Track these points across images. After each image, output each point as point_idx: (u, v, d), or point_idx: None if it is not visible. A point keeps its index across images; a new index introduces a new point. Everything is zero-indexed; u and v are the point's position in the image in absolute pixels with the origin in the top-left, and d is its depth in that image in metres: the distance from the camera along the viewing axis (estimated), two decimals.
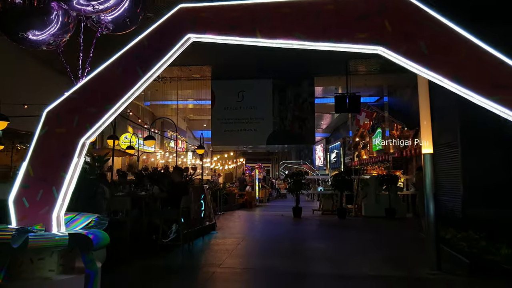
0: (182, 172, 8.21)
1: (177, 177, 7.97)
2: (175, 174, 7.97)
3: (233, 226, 12.05)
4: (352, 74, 14.54)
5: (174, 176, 8.00)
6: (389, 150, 19.11)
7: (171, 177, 8.07)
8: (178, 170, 8.10)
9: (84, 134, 3.62)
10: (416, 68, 3.15)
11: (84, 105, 3.62)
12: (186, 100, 20.79)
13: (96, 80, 3.66)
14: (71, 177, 3.63)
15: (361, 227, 12.51)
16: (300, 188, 14.64)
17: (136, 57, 3.64)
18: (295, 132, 14.93)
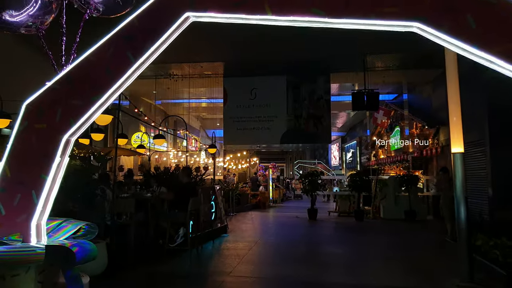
0: (190, 173, 7.71)
1: (185, 178, 7.47)
2: (183, 174, 7.48)
3: (246, 228, 11.52)
4: (369, 70, 13.85)
5: (181, 176, 7.51)
6: (408, 150, 18.33)
7: (179, 177, 7.57)
8: (186, 170, 7.61)
9: (68, 130, 3.12)
10: (461, 47, 2.55)
11: (67, 97, 3.13)
12: (199, 99, 20.33)
13: (81, 68, 3.16)
14: (53, 180, 3.13)
15: (380, 230, 11.86)
16: (316, 189, 14.03)
17: (127, 41, 3.13)
18: (310, 130, 14.32)
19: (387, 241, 9.64)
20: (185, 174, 7.47)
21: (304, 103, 14.47)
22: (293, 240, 9.63)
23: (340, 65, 13.85)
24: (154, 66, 13.87)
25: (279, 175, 30.47)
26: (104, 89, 3.13)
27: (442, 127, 14.79)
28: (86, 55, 3.16)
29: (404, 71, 14.61)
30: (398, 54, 12.93)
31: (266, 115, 14.63)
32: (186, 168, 7.75)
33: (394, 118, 19.53)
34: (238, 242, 8.98)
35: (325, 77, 14.47)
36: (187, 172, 7.54)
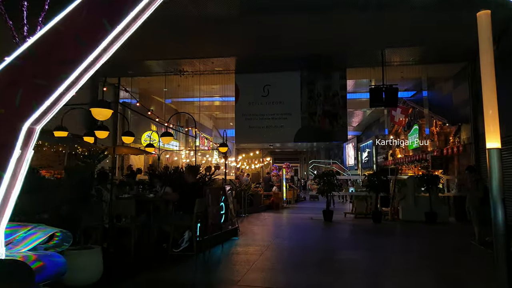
0: (196, 172, 7.08)
1: (191, 178, 6.85)
2: (188, 174, 6.85)
3: (257, 231, 10.86)
4: (387, 64, 13.06)
5: (187, 176, 6.89)
6: (427, 149, 17.44)
7: (184, 177, 6.95)
8: (192, 170, 6.99)
9: (30, 116, 2.49)
10: None
11: (30, 75, 2.50)
12: (211, 97, 19.76)
13: (47, 40, 2.53)
14: (13, 177, 2.51)
15: (401, 233, 11.08)
16: (332, 190, 13.28)
17: (102, 4, 2.49)
18: (325, 128, 13.57)
19: (409, 246, 8.86)
20: (191, 173, 6.85)
21: (319, 100, 13.74)
22: (307, 244, 8.92)
23: (356, 59, 13.09)
24: (163, 62, 13.34)
25: (293, 175, 29.71)
26: (74, 64, 2.50)
27: (464, 124, 13.92)
28: (53, 23, 2.54)
29: (424, 66, 13.75)
30: (419, 47, 12.11)
31: (280, 113, 13.94)
32: (192, 167, 7.14)
33: (412, 116, 18.65)
34: (249, 246, 8.32)
35: (341, 73, 13.72)
36: (192, 171, 6.92)
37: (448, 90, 15.33)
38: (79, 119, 14.14)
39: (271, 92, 14.02)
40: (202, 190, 7.02)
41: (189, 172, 6.86)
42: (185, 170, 7.00)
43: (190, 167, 7.09)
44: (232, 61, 13.14)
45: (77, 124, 14.18)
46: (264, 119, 14.02)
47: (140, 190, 6.87)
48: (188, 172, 6.87)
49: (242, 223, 12.33)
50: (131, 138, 10.60)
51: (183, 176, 6.95)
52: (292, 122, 13.84)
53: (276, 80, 14.03)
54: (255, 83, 14.13)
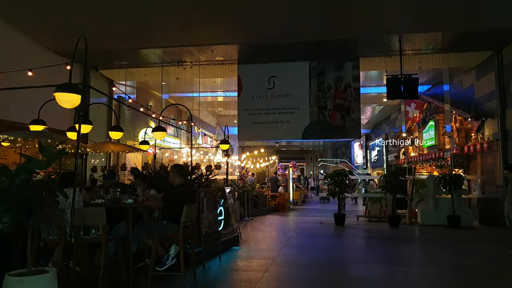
0: (185, 172, 5.68)
1: (177, 179, 5.45)
2: (174, 174, 5.46)
3: (262, 238, 9.46)
4: (404, 54, 11.59)
5: (172, 177, 5.50)
6: (444, 146, 15.94)
7: (169, 179, 5.55)
8: (179, 169, 5.58)
9: None
10: None
11: None
12: (214, 92, 18.36)
13: None
14: None
15: (424, 241, 9.61)
16: (344, 191, 11.85)
17: None
18: (336, 123, 12.13)
19: (440, 257, 7.41)
20: (177, 173, 5.45)
21: (329, 93, 12.30)
22: (319, 255, 7.50)
23: (370, 48, 11.61)
24: (159, 51, 11.96)
25: (300, 175, 28.26)
26: None
27: (489, 119, 12.42)
28: None
29: (445, 55, 12.25)
30: (441, 33, 10.61)
31: (286, 107, 12.52)
32: (179, 166, 5.73)
33: (427, 112, 17.14)
34: (251, 259, 6.93)
35: (353, 62, 12.27)
36: (180, 171, 5.51)
37: (469, 82, 13.82)
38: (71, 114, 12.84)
39: (277, 84, 12.60)
40: (190, 194, 5.61)
41: (174, 172, 5.47)
42: (170, 170, 5.61)
43: (177, 166, 5.70)
44: (234, 49, 11.73)
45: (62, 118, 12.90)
46: (269, 114, 12.60)
47: (118, 195, 5.50)
48: (174, 172, 5.47)
49: (245, 228, 10.96)
50: (120, 133, 9.20)
51: (169, 176, 5.55)
52: (300, 117, 12.41)
53: (283, 71, 12.61)
54: (259, 74, 12.72)
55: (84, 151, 8.50)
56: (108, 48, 11.63)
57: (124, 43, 11.46)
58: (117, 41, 11.34)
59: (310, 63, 12.50)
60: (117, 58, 12.55)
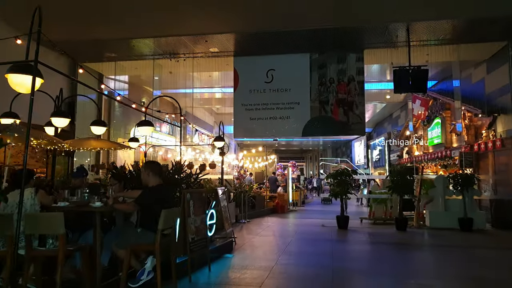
0: (160, 170, 4.70)
1: (152, 179, 4.51)
2: (147, 172, 4.50)
3: (258, 243, 8.53)
4: (412, 45, 10.66)
5: (144, 177, 4.55)
6: (451, 144, 15.03)
7: (142, 179, 4.61)
8: (154, 167, 4.61)
9: None
10: None
11: None
12: (210, 87, 17.42)
13: None
14: None
15: (437, 247, 8.66)
16: (347, 191, 10.93)
17: None
18: (339, 119, 11.21)
19: (458, 266, 6.50)
20: (150, 172, 4.50)
21: (331, 87, 11.38)
22: (323, 264, 6.57)
23: (375, 38, 10.69)
24: (150, 42, 11.04)
25: (300, 175, 27.32)
26: None
27: (502, 115, 11.52)
28: None
29: (455, 46, 11.32)
30: (450, 20, 9.68)
31: (285, 102, 11.60)
32: (153, 163, 4.76)
33: (433, 109, 16.23)
34: (246, 270, 6.00)
35: (357, 54, 11.36)
36: (153, 169, 4.53)
37: (479, 76, 12.92)
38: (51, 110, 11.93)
39: (275, 78, 11.69)
40: (169, 197, 4.67)
41: (148, 171, 4.52)
42: (142, 168, 4.64)
43: (150, 163, 4.73)
44: (229, 39, 10.80)
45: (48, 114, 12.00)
46: (268, 109, 11.68)
47: (86, 196, 4.59)
48: (147, 171, 4.52)
49: (241, 231, 10.04)
50: (102, 128, 8.32)
51: (142, 177, 4.60)
52: (300, 112, 11.50)
53: (282, 63, 11.69)
54: (257, 67, 11.81)
55: (61, 147, 7.58)
56: (95, 38, 10.74)
57: (112, 32, 10.55)
58: (105, 30, 10.44)
59: (311, 55, 11.59)
60: (105, 49, 11.64)
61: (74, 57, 12.28)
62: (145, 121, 8.14)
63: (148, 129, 8.14)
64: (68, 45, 11.29)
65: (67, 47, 11.43)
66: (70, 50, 11.73)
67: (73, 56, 12.20)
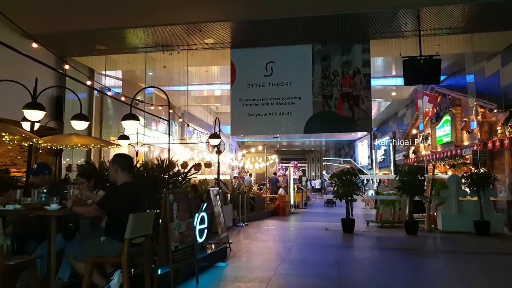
0: (130, 165, 3.79)
1: (119, 175, 3.65)
2: (115, 168, 3.64)
3: (256, 250, 7.66)
4: (422, 35, 9.81)
5: (111, 172, 3.68)
6: (462, 143, 14.13)
7: (110, 176, 3.75)
8: (119, 161, 3.71)
9: None
10: None
11: None
12: (209, 84, 16.55)
13: None
14: None
15: (455, 254, 7.74)
16: (353, 193, 10.05)
17: None
18: (344, 115, 10.36)
19: (484, 277, 5.62)
20: (119, 167, 3.63)
21: (335, 80, 10.54)
22: (327, 276, 5.71)
23: (383, 27, 9.86)
24: (140, 32, 10.23)
25: (301, 176, 26.41)
26: None
27: None
28: None
29: (469, 36, 10.46)
30: (463, 5, 8.81)
31: (286, 96, 10.77)
32: (120, 157, 3.85)
33: (442, 105, 15.34)
34: (239, 282, 5.15)
35: (363, 45, 10.52)
36: (122, 164, 3.65)
37: (493, 69, 12.04)
38: None
39: (275, 71, 10.85)
40: (137, 199, 3.80)
41: (115, 166, 3.67)
42: (110, 163, 3.79)
43: (118, 157, 3.84)
44: (226, 29, 9.97)
45: None
46: (267, 104, 10.85)
47: (44, 197, 3.76)
48: (114, 166, 3.67)
49: (238, 236, 9.18)
50: (84, 123, 7.50)
51: (109, 172, 3.75)
52: (302, 108, 10.65)
53: (282, 55, 10.86)
54: (256, 60, 10.98)
55: (36, 143, 6.76)
56: (82, 28, 9.94)
57: (99, 21, 9.74)
58: (92, 19, 9.63)
59: (313, 46, 10.75)
60: (94, 41, 10.82)
61: (61, 51, 11.54)
62: (129, 114, 7.30)
63: (133, 123, 7.29)
64: (55, 38, 10.54)
65: (54, 39, 10.69)
66: (57, 43, 11.00)
67: (60, 50, 11.47)
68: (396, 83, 16.12)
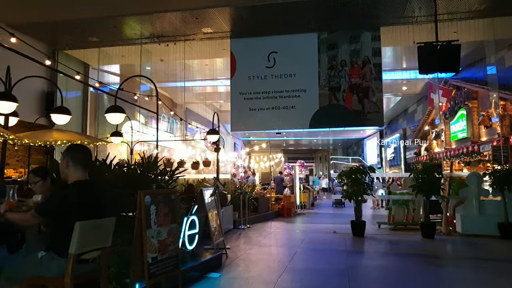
0: (86, 159, 2.95)
1: (70, 171, 2.83)
2: (66, 163, 2.81)
3: (256, 256, 6.80)
4: (439, 19, 8.88)
5: (62, 168, 2.86)
6: (480, 138, 13.15)
7: (60, 171, 2.93)
8: (71, 154, 2.87)
9: None
10: None
11: None
12: (213, 79, 15.71)
13: None
14: None
15: (483, 262, 6.77)
16: (363, 192, 9.14)
17: None
18: (353, 108, 9.48)
19: None
20: (71, 161, 2.78)
21: (343, 70, 9.67)
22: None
23: (394, 12, 8.97)
24: (134, 22, 9.45)
25: (308, 175, 25.48)
26: None
27: None
28: None
29: (489, 21, 9.51)
30: None
31: (290, 89, 9.93)
32: (74, 149, 2.99)
33: (456, 99, 14.36)
34: None
35: (373, 33, 9.64)
36: (74, 158, 2.82)
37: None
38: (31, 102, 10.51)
39: (278, 62, 10.02)
40: (101, 200, 2.97)
41: (67, 159, 2.81)
42: (61, 156, 2.92)
43: (72, 148, 2.96)
44: (224, 16, 9.15)
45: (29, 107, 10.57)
46: (269, 98, 10.02)
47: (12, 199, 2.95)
48: (65, 160, 2.82)
49: (237, 240, 8.34)
50: (65, 116, 6.73)
51: (59, 168, 2.93)
52: (307, 101, 9.80)
53: (285, 45, 10.02)
54: (257, 50, 10.16)
55: (7, 138, 6.00)
56: (71, 17, 9.21)
57: (90, 9, 8.98)
58: (82, 7, 8.87)
59: (319, 35, 9.90)
60: (85, 32, 10.08)
61: (51, 43, 10.84)
62: (114, 106, 6.50)
63: (118, 116, 6.49)
64: (41, 28, 9.84)
65: (40, 30, 9.98)
66: (45, 34, 10.29)
67: (49, 42, 10.77)
68: (406, 76, 15.16)
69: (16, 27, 9.57)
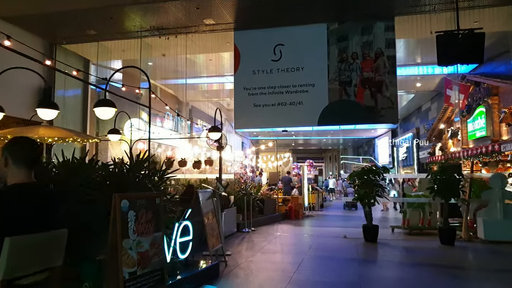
0: (29, 157, 2.36)
1: (10, 170, 2.20)
2: (5, 160, 2.20)
3: (258, 265, 6.15)
4: (460, 8, 8.13)
5: (1, 165, 2.25)
6: (500, 137, 12.33)
7: None
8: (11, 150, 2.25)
9: None
10: None
11: None
12: (219, 76, 15.08)
13: None
14: None
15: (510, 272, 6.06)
16: (376, 194, 8.43)
17: None
18: (365, 104, 8.79)
19: None
20: (10, 158, 2.17)
21: (355, 63, 8.98)
22: None
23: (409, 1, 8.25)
24: (131, 13, 8.88)
25: (317, 175, 24.74)
26: None
27: None
28: None
29: None
30: None
31: (297, 84, 9.27)
32: (15, 143, 2.40)
33: (475, 96, 13.52)
34: None
35: (386, 23, 8.92)
36: (14, 154, 2.21)
37: None
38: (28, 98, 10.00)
39: (284, 55, 9.37)
40: None
41: (6, 154, 2.19)
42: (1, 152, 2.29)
43: (14, 142, 2.37)
44: (227, 5, 8.51)
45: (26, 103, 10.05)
46: (275, 93, 9.37)
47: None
48: (4, 153, 2.19)
49: (240, 245, 7.71)
50: (52, 111, 6.19)
51: None
52: (316, 96, 9.13)
53: (292, 37, 9.36)
54: (262, 42, 9.52)
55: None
56: (66, 8, 8.67)
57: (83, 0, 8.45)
58: None
59: (328, 26, 9.21)
60: (82, 24, 9.54)
61: (48, 37, 10.35)
62: (103, 100, 5.92)
63: (108, 110, 5.90)
64: (40, 21, 9.36)
65: (39, 24, 9.52)
66: (42, 27, 9.80)
67: (47, 35, 10.28)
68: (421, 72, 14.35)
69: (11, 20, 9.11)
